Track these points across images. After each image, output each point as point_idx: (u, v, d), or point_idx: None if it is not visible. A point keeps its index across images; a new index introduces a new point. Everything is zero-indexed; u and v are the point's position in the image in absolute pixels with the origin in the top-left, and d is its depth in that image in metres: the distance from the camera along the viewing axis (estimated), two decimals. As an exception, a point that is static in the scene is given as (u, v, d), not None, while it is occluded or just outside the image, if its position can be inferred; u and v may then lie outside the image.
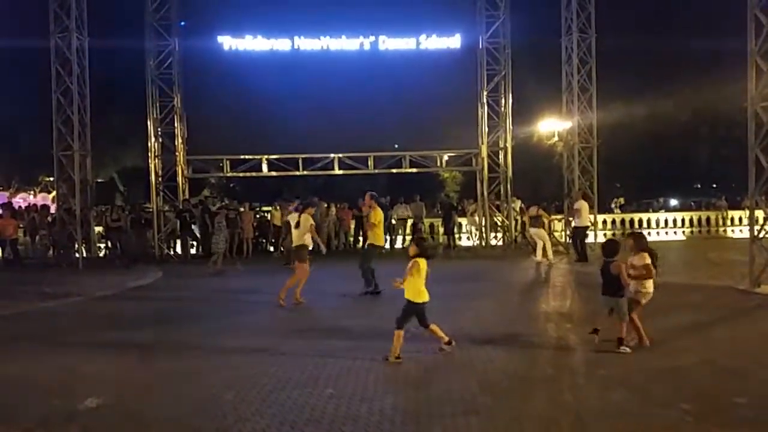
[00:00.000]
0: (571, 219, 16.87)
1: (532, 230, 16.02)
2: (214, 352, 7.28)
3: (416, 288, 6.77)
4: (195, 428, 4.99)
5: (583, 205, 15.92)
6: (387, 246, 19.83)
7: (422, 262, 6.81)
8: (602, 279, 7.05)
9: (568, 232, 17.80)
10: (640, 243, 7.25)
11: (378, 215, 11.19)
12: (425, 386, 5.86)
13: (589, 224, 16.73)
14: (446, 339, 6.99)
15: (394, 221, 19.94)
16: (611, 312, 7.00)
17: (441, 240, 21.36)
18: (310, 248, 10.64)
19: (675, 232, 23.14)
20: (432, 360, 6.80)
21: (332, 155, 19.48)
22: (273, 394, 5.74)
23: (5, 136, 32.54)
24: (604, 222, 22.67)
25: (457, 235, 21.22)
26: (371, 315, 9.47)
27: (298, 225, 10.55)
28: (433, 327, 6.94)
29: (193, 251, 19.25)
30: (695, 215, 24.15)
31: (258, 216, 20.84)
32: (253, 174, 20.20)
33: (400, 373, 6.31)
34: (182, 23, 18.97)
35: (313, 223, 10.76)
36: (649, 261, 7.09)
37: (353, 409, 5.29)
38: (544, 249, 15.44)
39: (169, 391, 5.94)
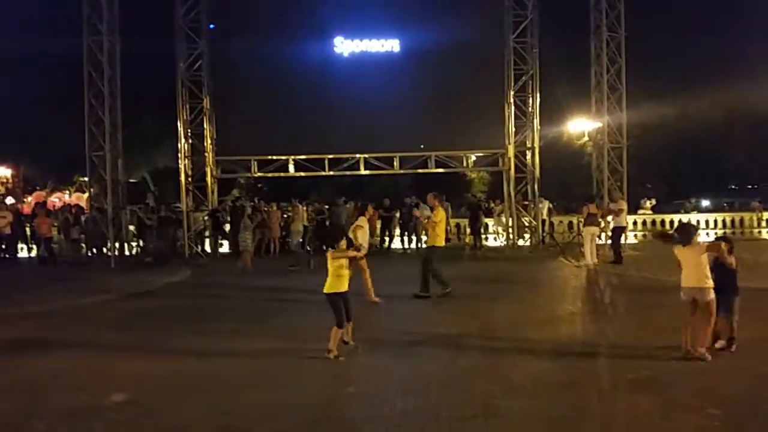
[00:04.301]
0: (609, 220, 16.58)
1: (587, 229, 15.24)
2: (238, 351, 7.34)
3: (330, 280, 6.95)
4: (218, 427, 5.06)
5: (625, 205, 15.77)
6: (411, 246, 19.95)
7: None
8: None
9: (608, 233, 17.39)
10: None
11: (440, 214, 11.06)
12: (447, 388, 5.84)
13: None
14: (335, 350, 6.79)
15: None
16: None
17: (467, 240, 21.25)
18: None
19: (707, 234, 22.62)
20: (455, 362, 6.77)
21: (358, 156, 19.51)
22: (295, 393, 5.77)
23: (42, 137, 33.36)
24: (635, 223, 22.30)
25: (483, 236, 21.08)
26: (396, 317, 9.47)
27: None
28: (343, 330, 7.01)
29: (222, 250, 19.47)
30: (728, 216, 23.60)
31: (285, 216, 20.96)
32: (281, 174, 20.34)
33: (423, 374, 6.28)
34: (212, 26, 19.18)
35: (359, 225, 10.53)
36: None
37: (374, 409, 5.29)
38: (587, 250, 14.99)
39: (193, 389, 6.01)
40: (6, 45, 31.59)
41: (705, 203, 36.64)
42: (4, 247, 17.84)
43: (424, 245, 12.21)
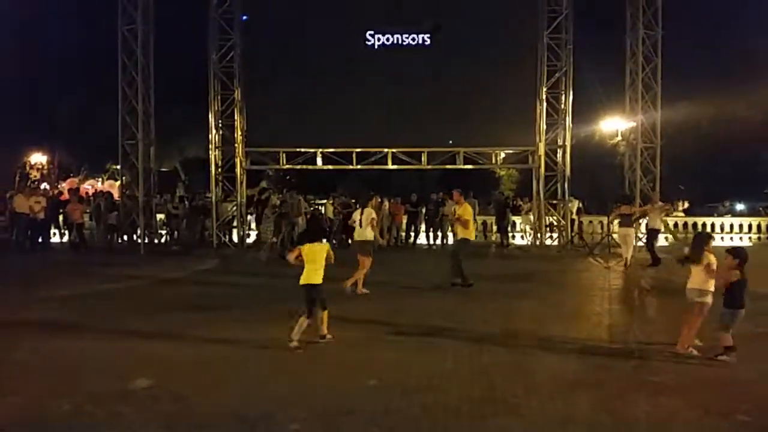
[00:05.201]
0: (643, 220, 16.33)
1: (622, 230, 14.58)
2: (261, 340, 7.37)
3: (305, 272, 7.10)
4: (238, 414, 5.08)
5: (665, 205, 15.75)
6: (440, 242, 19.89)
7: (305, 249, 7.11)
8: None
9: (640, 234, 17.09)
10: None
11: (468, 211, 11.35)
12: (469, 385, 5.79)
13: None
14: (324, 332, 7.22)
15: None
16: None
17: (494, 238, 21.07)
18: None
19: (741, 238, 22.12)
20: (477, 359, 6.71)
21: (386, 150, 19.45)
22: (315, 384, 5.79)
23: (78, 125, 34.01)
24: (666, 225, 21.87)
25: (510, 234, 20.87)
26: (420, 311, 9.43)
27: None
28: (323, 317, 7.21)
29: (250, 240, 19.64)
30: (763, 221, 23.01)
31: (311, 208, 21.04)
32: (309, 167, 20.40)
33: (445, 370, 6.25)
34: (244, 18, 19.29)
35: (374, 217, 11.00)
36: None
37: (394, 403, 5.27)
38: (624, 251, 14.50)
39: (217, 376, 6.07)
40: (42, 32, 32.37)
41: (740, 207, 35.75)
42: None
43: (450, 241, 12.54)
